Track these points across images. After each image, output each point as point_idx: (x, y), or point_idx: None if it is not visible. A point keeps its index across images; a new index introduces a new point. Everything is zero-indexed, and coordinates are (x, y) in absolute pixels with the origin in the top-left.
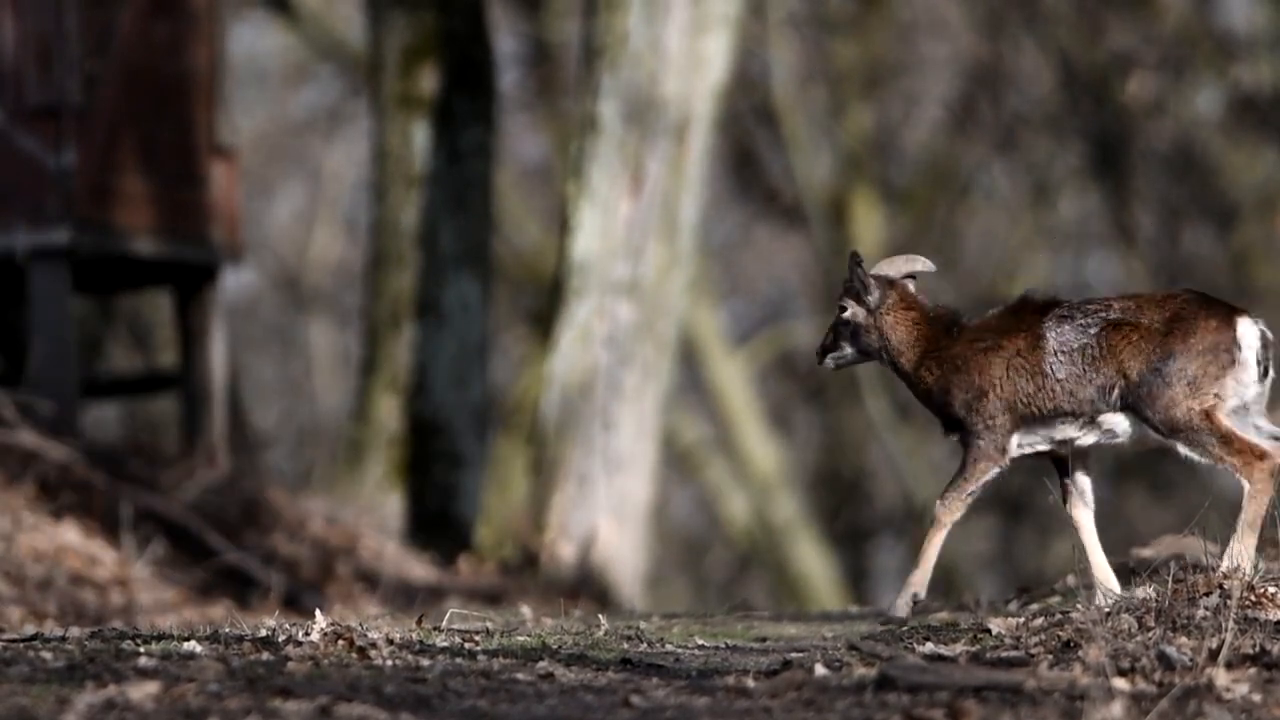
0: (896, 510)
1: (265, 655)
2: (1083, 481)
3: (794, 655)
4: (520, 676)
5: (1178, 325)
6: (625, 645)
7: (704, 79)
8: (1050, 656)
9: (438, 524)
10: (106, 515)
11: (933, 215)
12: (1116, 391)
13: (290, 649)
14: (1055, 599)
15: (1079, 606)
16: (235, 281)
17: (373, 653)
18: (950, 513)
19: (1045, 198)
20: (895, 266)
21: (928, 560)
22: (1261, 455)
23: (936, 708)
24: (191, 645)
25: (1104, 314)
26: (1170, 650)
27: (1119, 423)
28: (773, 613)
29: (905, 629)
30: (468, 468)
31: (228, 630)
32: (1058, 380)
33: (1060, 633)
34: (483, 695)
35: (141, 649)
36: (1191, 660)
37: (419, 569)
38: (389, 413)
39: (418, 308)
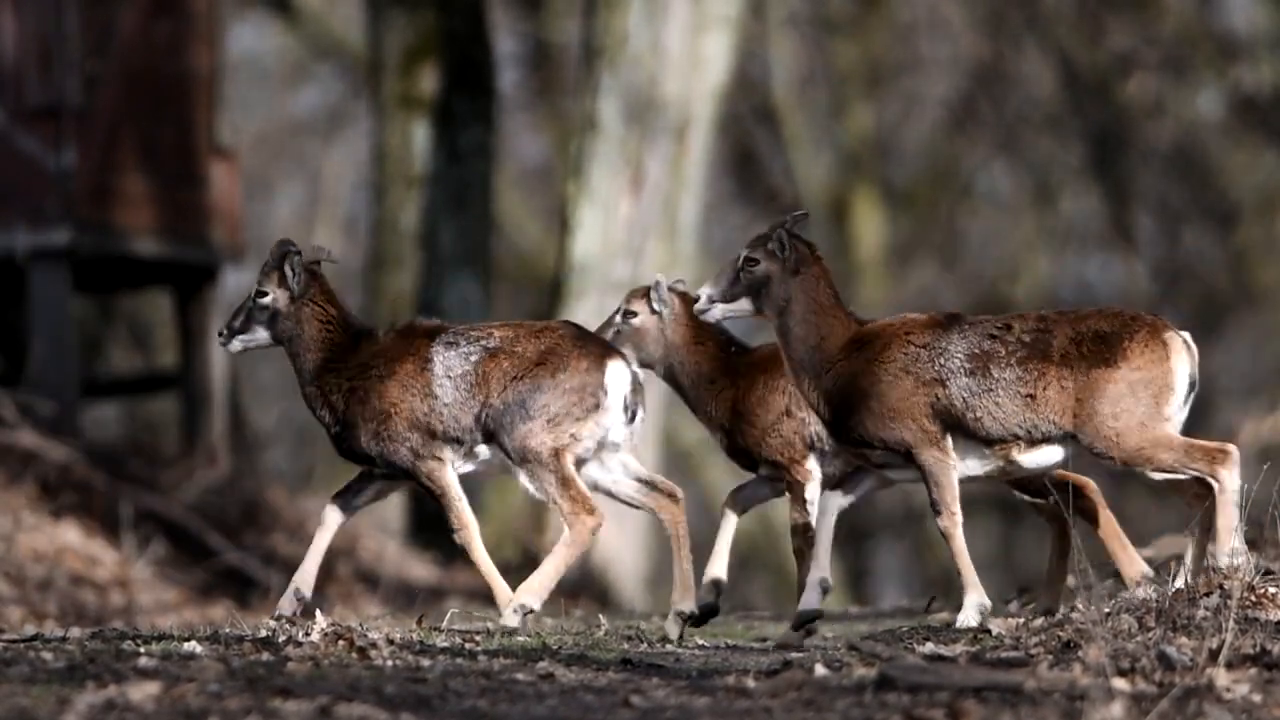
0: (896, 510)
1: (265, 655)
2: (357, 501)
3: (794, 655)
4: (520, 677)
5: (550, 359)
6: (625, 645)
7: (704, 79)
8: (1050, 657)
9: (438, 524)
10: (106, 515)
11: (934, 215)
12: (485, 419)
13: (290, 649)
14: None
15: (1079, 606)
16: (235, 281)
17: (373, 653)
18: (467, 525)
19: (1046, 198)
20: (305, 251)
21: (488, 571)
22: (590, 510)
23: (936, 708)
24: (191, 645)
25: (485, 342)
26: (1170, 650)
27: (484, 451)
28: (773, 613)
29: (905, 630)
30: None
31: (228, 630)
32: (445, 404)
33: (1060, 633)
34: (483, 695)
35: (141, 649)
36: (1192, 660)
37: (419, 569)
38: None
39: (418, 308)
